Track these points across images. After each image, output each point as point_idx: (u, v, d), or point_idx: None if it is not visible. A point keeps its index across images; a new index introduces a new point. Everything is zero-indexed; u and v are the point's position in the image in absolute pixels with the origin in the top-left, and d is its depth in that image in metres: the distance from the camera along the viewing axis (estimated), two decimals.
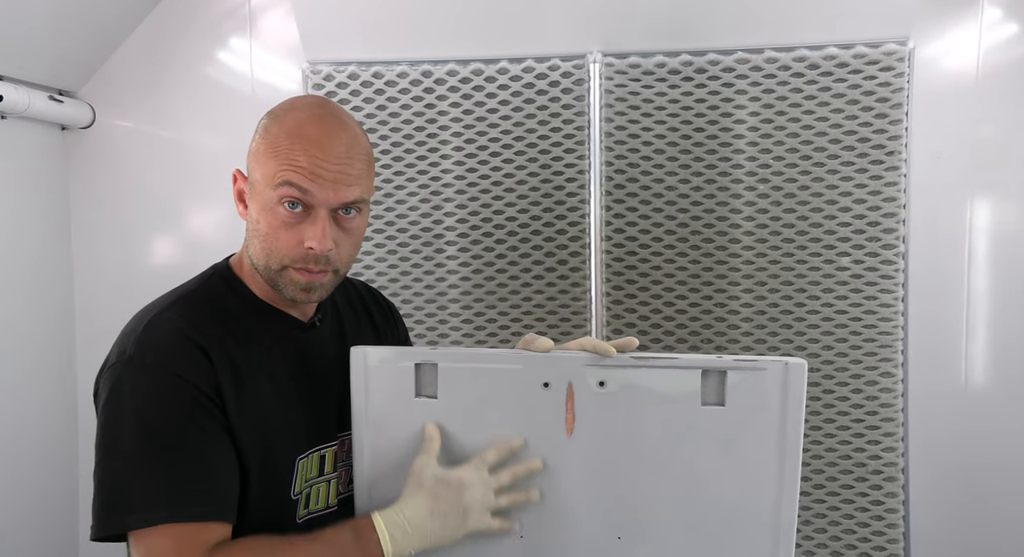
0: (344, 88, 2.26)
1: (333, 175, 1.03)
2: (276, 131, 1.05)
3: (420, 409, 1.10)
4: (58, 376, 2.43)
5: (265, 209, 1.05)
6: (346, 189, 1.04)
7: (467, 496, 1.03)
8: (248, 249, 1.11)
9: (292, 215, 1.04)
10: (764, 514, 1.07)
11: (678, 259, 2.20)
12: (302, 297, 1.09)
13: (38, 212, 2.35)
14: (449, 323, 2.30)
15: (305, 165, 1.02)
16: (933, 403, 2.18)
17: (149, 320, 1.05)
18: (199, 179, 2.41)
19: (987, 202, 2.17)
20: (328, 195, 1.03)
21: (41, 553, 2.35)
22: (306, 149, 1.02)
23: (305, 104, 1.09)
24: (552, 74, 2.20)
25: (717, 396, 1.06)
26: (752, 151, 2.15)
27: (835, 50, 2.08)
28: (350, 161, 1.05)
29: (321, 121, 1.05)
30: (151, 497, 0.96)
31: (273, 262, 1.06)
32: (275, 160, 1.03)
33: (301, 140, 1.02)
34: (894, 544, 2.15)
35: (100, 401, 1.03)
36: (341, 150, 1.04)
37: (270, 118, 1.08)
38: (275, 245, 1.05)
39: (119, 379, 1.01)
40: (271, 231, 1.05)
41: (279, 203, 1.03)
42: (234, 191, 1.12)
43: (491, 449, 1.07)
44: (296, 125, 1.04)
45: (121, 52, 2.39)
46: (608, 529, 1.10)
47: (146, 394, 1.00)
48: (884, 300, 2.12)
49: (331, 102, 1.13)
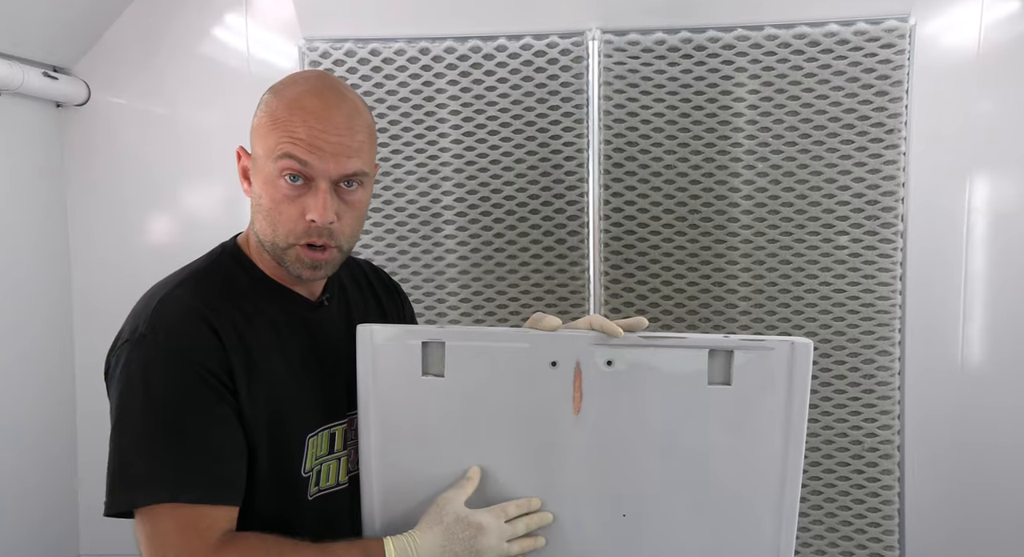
0: (341, 65, 2.24)
1: (333, 147, 1.02)
2: (276, 104, 1.04)
3: (427, 387, 1.10)
4: (56, 353, 2.42)
5: (267, 183, 1.04)
6: (346, 161, 1.04)
7: (482, 541, 1.03)
8: (254, 226, 1.10)
9: (293, 188, 1.03)
10: (768, 491, 1.08)
11: (677, 238, 2.20)
12: (308, 275, 1.09)
13: (33, 190, 2.33)
14: (447, 301, 2.30)
15: (304, 136, 1.01)
16: (929, 381, 2.20)
17: (161, 298, 1.05)
18: (195, 156, 2.39)
19: (986, 181, 2.17)
20: (328, 166, 1.03)
21: (42, 531, 2.36)
22: (305, 120, 1.02)
23: (305, 78, 1.09)
24: (551, 51, 2.18)
25: (724, 375, 1.07)
26: (751, 129, 2.14)
27: (836, 27, 2.07)
28: (350, 133, 1.04)
29: (320, 93, 1.04)
30: (157, 476, 0.97)
31: (279, 239, 1.06)
32: (275, 133, 1.02)
33: (300, 112, 1.02)
34: (889, 520, 2.18)
35: (112, 378, 1.03)
36: (340, 121, 1.03)
37: (271, 93, 1.07)
38: (278, 220, 1.05)
39: (130, 357, 1.01)
40: (273, 205, 1.05)
41: (280, 176, 1.03)
42: (238, 168, 1.11)
43: (512, 504, 1.08)
44: (295, 97, 1.03)
45: (116, 28, 2.37)
46: (613, 507, 1.10)
47: (157, 373, 0.99)
48: (882, 279, 2.13)
49: (332, 76, 1.12)
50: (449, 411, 1.10)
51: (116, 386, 1.01)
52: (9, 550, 2.23)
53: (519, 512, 1.07)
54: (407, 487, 1.11)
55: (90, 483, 2.47)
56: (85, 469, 2.48)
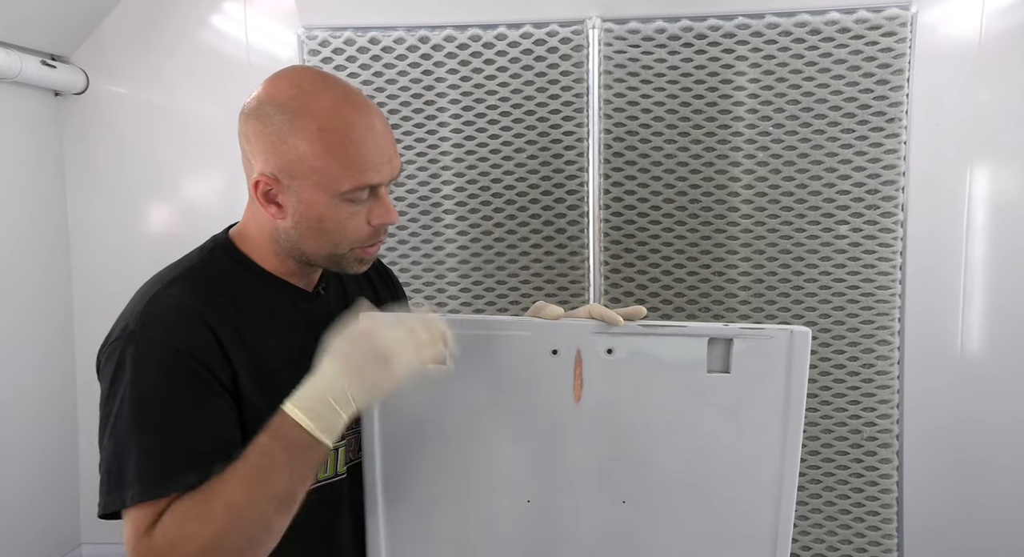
0: (340, 54, 2.23)
1: (388, 154, 1.03)
2: (314, 130, 0.99)
3: (428, 375, 1.10)
4: (57, 343, 2.42)
5: (328, 207, 1.02)
6: (397, 161, 1.06)
7: (380, 339, 0.97)
8: (296, 241, 1.07)
9: (357, 204, 1.04)
10: (767, 479, 1.09)
11: (677, 228, 2.20)
12: (361, 269, 1.11)
13: (32, 180, 2.33)
14: (447, 292, 2.30)
15: (371, 161, 1.01)
16: (929, 370, 2.20)
17: (153, 295, 1.03)
18: (194, 146, 2.38)
19: (987, 169, 2.17)
20: (391, 171, 1.04)
21: (44, 519, 2.36)
22: (362, 144, 1.00)
23: (316, 87, 1.02)
24: (551, 40, 2.17)
25: (723, 364, 1.07)
26: (752, 118, 2.14)
27: (837, 15, 2.06)
28: (388, 131, 1.04)
29: (351, 101, 1.01)
30: (146, 474, 0.94)
31: (341, 248, 1.06)
32: (333, 163, 0.99)
33: (350, 135, 0.99)
34: (887, 508, 2.18)
35: (104, 376, 1.01)
36: (380, 126, 1.03)
37: (290, 115, 1.00)
38: (343, 236, 1.05)
39: (121, 353, 0.99)
40: (338, 225, 1.04)
41: (346, 200, 1.02)
42: (257, 195, 1.05)
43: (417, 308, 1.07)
44: (342, 124, 0.99)
45: (115, 16, 2.36)
46: (613, 493, 1.11)
47: (148, 369, 0.97)
48: (882, 268, 2.13)
49: (322, 71, 1.08)
50: (450, 399, 1.11)
51: (107, 384, 0.99)
52: (11, 538, 2.23)
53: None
54: (410, 475, 1.12)
55: (91, 471, 2.42)
56: (86, 456, 2.48)
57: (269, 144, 1.01)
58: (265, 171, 1.02)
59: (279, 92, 1.02)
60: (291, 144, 1.00)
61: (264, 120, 1.01)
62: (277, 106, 1.01)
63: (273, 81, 1.04)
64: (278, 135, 1.00)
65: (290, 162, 1.00)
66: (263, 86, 1.04)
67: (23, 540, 2.28)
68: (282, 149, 1.00)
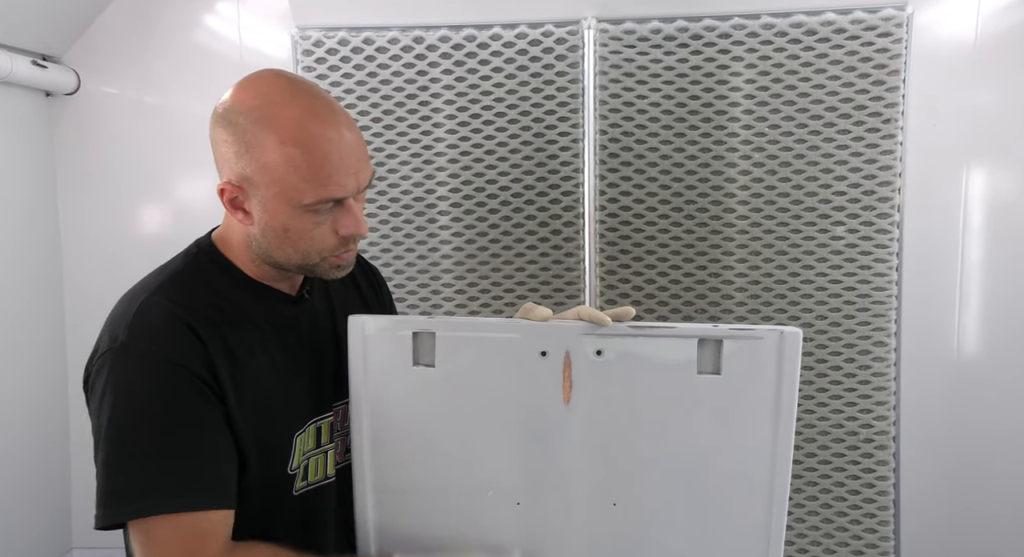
0: (334, 54, 2.22)
1: (356, 166, 1.01)
2: (279, 143, 0.97)
3: (417, 377, 1.10)
4: (48, 345, 2.41)
5: (292, 218, 1.01)
6: (365, 170, 1.03)
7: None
8: (265, 248, 1.06)
9: (323, 214, 1.02)
10: (758, 481, 1.07)
11: (672, 229, 2.19)
12: (338, 275, 1.10)
13: (23, 181, 2.31)
14: (442, 293, 2.29)
15: (335, 174, 0.99)
16: (925, 371, 2.19)
17: (139, 304, 1.02)
18: (187, 146, 2.36)
19: (983, 171, 2.16)
20: (356, 184, 1.02)
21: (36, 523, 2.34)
22: (327, 156, 0.98)
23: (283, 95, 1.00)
24: (546, 40, 2.17)
25: (713, 365, 1.06)
26: (748, 119, 2.13)
27: (833, 15, 2.06)
28: (358, 141, 1.02)
29: (317, 113, 0.99)
30: (151, 488, 0.95)
31: (311, 258, 1.06)
32: (295, 177, 0.98)
33: (317, 149, 0.97)
34: (884, 511, 2.17)
35: (94, 390, 1.00)
36: (350, 136, 1.00)
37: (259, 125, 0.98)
38: (310, 245, 1.04)
39: (113, 367, 0.98)
40: (303, 235, 1.03)
41: (309, 211, 1.01)
42: (223, 201, 1.05)
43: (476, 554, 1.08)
44: (304, 133, 0.97)
45: (106, 16, 2.34)
46: (604, 495, 1.10)
47: (143, 382, 0.97)
48: (878, 269, 2.12)
49: (293, 76, 1.05)
50: (440, 401, 1.10)
51: (99, 398, 0.98)
52: (2, 543, 2.22)
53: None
54: (399, 478, 1.11)
55: (83, 475, 2.46)
56: (78, 461, 2.46)
57: (232, 153, 1.01)
58: (231, 178, 1.02)
59: (244, 100, 1.00)
60: (253, 155, 0.99)
61: (228, 128, 1.01)
62: (242, 114, 1.00)
63: (242, 87, 1.02)
64: (241, 144, 0.99)
65: (252, 172, 1.00)
66: (233, 91, 1.03)
67: (15, 545, 2.27)
68: (245, 159, 1.00)
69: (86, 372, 1.03)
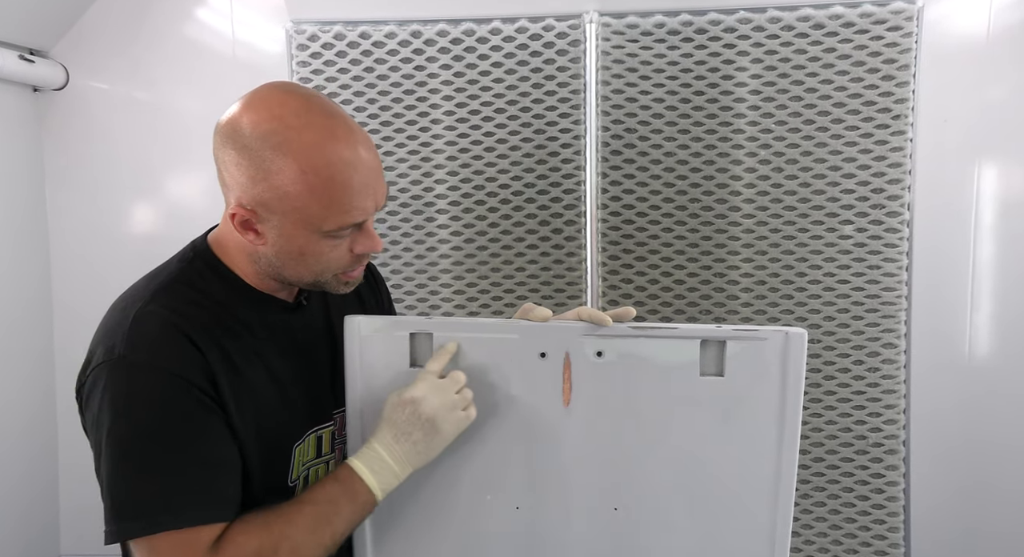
0: (330, 49, 2.17)
1: (373, 189, 0.99)
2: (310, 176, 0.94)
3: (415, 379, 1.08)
4: (36, 347, 2.37)
5: (310, 243, 0.99)
6: (382, 188, 1.02)
7: (425, 408, 1.01)
8: (278, 268, 1.04)
9: (342, 238, 1.01)
10: (762, 485, 1.06)
11: (676, 228, 2.14)
12: (347, 290, 1.09)
13: (10, 178, 2.27)
14: (441, 293, 2.24)
15: (358, 202, 0.98)
16: (936, 375, 2.14)
17: (135, 313, 0.98)
18: (178, 143, 2.33)
19: (995, 168, 2.11)
20: (375, 205, 1.01)
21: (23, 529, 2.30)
22: (348, 182, 0.96)
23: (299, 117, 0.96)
24: (547, 35, 2.12)
25: (716, 366, 1.05)
26: (753, 115, 2.09)
27: (841, 9, 2.01)
28: (374, 160, 1.00)
29: (343, 142, 0.96)
30: (158, 504, 0.93)
31: (324, 276, 1.04)
32: (322, 207, 0.96)
33: (338, 175, 0.95)
34: (894, 516, 2.13)
35: (90, 402, 0.97)
36: (368, 156, 0.98)
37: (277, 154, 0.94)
38: (326, 266, 1.03)
39: (110, 379, 0.95)
40: (320, 257, 1.01)
41: (328, 236, 0.99)
42: (234, 224, 1.00)
43: (431, 360, 1.06)
44: (326, 164, 0.94)
45: (95, 9, 2.30)
46: (605, 500, 1.09)
47: (143, 395, 0.95)
48: (888, 269, 2.07)
49: (309, 91, 1.01)
50: None
51: (97, 411, 0.95)
52: None
53: (441, 364, 1.06)
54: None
55: (71, 481, 2.42)
56: (65, 467, 2.42)
57: (247, 178, 0.96)
58: (243, 203, 0.98)
59: (258, 123, 0.96)
60: (272, 182, 0.95)
61: (243, 152, 0.96)
62: (257, 138, 0.95)
63: (253, 107, 0.97)
64: (258, 170, 0.95)
65: (270, 198, 0.96)
66: (241, 109, 0.98)
67: (4, 554, 2.23)
68: (263, 185, 0.96)
69: (79, 382, 1.01)
